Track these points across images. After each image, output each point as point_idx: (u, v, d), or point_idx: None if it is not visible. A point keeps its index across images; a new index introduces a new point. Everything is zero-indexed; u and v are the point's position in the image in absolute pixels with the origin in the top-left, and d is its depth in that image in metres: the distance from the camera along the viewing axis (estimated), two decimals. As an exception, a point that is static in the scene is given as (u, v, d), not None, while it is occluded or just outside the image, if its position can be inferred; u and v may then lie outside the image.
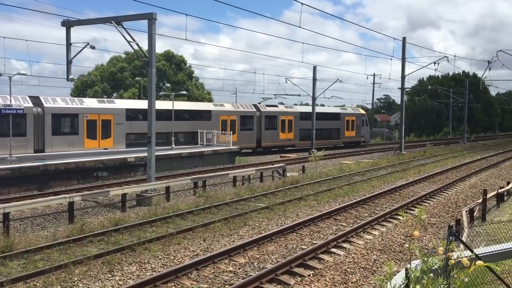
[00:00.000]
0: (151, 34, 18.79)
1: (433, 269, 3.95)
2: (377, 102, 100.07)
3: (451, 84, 78.81)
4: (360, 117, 52.12)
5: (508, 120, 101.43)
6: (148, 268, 10.53)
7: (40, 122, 26.67)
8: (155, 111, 19.50)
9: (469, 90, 64.48)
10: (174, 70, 62.82)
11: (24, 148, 25.80)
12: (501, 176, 26.71)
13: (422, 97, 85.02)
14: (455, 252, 4.95)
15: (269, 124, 41.47)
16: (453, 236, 6.38)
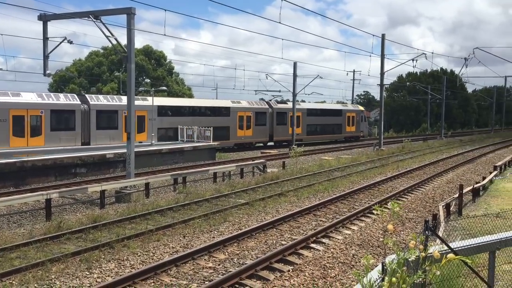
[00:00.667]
0: (130, 29, 18.59)
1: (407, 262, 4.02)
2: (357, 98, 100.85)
3: (429, 81, 79.93)
4: (359, 113, 55.22)
5: (484, 116, 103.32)
6: (127, 265, 10.45)
7: (86, 118, 29.33)
8: (134, 106, 19.32)
9: (447, 86, 65.50)
10: (153, 65, 62.29)
11: (73, 141, 28.54)
12: (477, 171, 27.22)
13: (401, 94, 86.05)
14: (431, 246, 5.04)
15: (280, 120, 44.55)
16: (429, 230, 6.49)
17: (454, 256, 3.31)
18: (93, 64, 58.67)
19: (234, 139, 39.76)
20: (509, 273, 9.12)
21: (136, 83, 48.00)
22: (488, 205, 17.01)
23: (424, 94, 74.14)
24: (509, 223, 10.65)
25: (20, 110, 26.27)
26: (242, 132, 39.97)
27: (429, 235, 6.42)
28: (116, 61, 56.28)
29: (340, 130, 51.87)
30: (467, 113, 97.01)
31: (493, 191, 20.02)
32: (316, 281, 9.71)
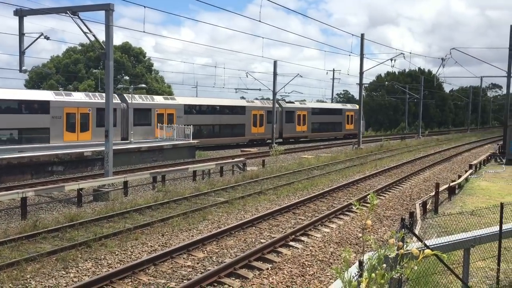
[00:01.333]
0: (109, 26, 18.37)
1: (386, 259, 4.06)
2: (336, 97, 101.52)
3: (407, 80, 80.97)
4: (357, 112, 56.48)
5: (461, 115, 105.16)
6: (105, 264, 10.34)
7: (125, 115, 32.56)
8: (112, 104, 19.11)
9: (424, 86, 66.47)
10: (132, 62, 61.68)
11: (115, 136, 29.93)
12: (453, 170, 27.69)
13: (379, 93, 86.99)
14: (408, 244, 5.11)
15: (289, 118, 47.70)
16: (405, 228, 6.59)
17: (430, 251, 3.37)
18: (71, 61, 57.80)
19: (248, 136, 42.92)
20: (483, 270, 9.31)
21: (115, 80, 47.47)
22: (463, 203, 17.33)
23: (402, 93, 75.08)
24: (484, 221, 10.87)
25: (72, 108, 29.60)
26: (255, 129, 43.20)
27: (406, 233, 6.52)
28: (94, 58, 55.54)
29: (340, 128, 55.58)
30: (444, 112, 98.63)
31: (469, 189, 20.40)
32: (294, 279, 9.76)
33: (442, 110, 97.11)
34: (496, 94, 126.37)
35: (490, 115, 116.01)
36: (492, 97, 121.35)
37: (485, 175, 24.95)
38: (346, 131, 55.97)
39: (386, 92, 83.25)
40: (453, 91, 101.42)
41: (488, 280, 8.97)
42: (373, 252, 4.36)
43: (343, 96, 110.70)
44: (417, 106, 68.73)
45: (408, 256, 4.04)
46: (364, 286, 3.12)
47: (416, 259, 3.73)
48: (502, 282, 8.55)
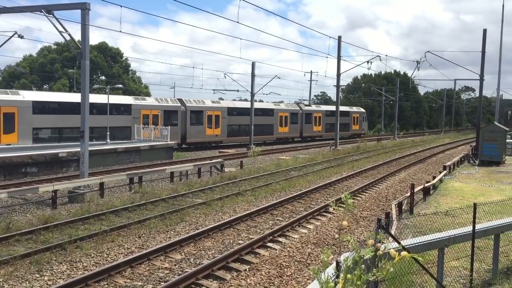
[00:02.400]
0: (85, 25, 18.11)
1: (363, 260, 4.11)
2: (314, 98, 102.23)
3: (384, 83, 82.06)
4: (362, 114, 66.20)
5: (435, 117, 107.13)
6: (80, 267, 10.18)
7: (184, 117, 38.90)
8: (88, 104, 18.83)
9: (400, 88, 67.47)
10: (109, 62, 60.94)
11: (176, 134, 37.53)
12: (428, 171, 28.17)
13: (356, 95, 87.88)
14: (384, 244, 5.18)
15: (308, 119, 54.76)
16: (381, 228, 6.67)
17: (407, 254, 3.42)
18: (46, 60, 56.77)
19: (276, 135, 49.37)
20: (457, 269, 9.50)
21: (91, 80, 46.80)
22: (438, 203, 17.64)
23: (378, 95, 76.04)
24: (458, 221, 11.08)
25: (147, 110, 35.98)
26: (281, 129, 49.81)
27: (382, 233, 6.60)
28: (70, 57, 54.69)
29: (348, 128, 62.10)
30: (419, 114, 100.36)
31: (443, 190, 20.77)
32: (272, 280, 9.78)
33: (417, 112, 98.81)
34: (469, 97, 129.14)
35: (464, 117, 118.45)
36: (466, 100, 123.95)
37: (458, 176, 25.45)
38: (353, 131, 63.19)
39: (363, 94, 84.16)
40: (428, 93, 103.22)
41: (462, 279, 9.15)
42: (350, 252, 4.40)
43: (321, 97, 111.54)
44: (393, 108, 69.74)
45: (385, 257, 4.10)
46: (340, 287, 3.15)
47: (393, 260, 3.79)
48: (475, 281, 8.73)
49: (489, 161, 30.84)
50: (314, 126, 55.26)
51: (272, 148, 42.33)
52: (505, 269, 9.60)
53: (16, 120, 27.73)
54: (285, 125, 50.20)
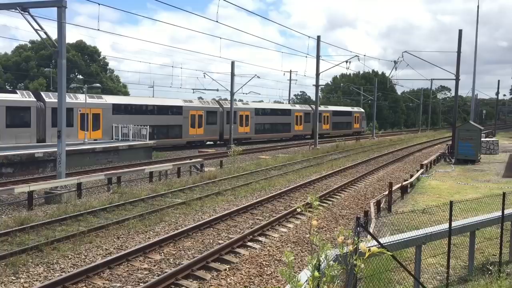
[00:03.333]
0: (61, 23, 17.83)
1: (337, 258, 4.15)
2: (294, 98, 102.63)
3: (362, 82, 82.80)
4: (362, 114, 72.17)
5: (412, 117, 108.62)
6: (57, 269, 10.02)
7: (222, 116, 44.33)
8: (65, 104, 18.56)
9: (378, 88, 68.24)
10: (86, 61, 60.12)
11: (216, 131, 44.12)
12: (405, 169, 28.56)
13: (335, 95, 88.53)
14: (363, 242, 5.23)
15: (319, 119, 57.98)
16: (360, 226, 6.74)
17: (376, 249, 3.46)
18: (21, 59, 55.68)
19: (292, 132, 54.83)
20: (434, 266, 9.66)
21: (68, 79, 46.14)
22: (415, 201, 17.90)
23: (357, 95, 76.72)
24: (434, 218, 11.28)
25: (194, 111, 41.30)
26: (296, 127, 55.63)
27: (361, 231, 6.67)
28: (46, 56, 53.77)
29: (350, 126, 68.55)
30: (397, 113, 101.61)
31: (420, 188, 21.10)
32: (252, 279, 9.79)
33: (395, 111, 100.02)
34: (445, 96, 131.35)
35: (440, 117, 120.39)
36: (442, 99, 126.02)
37: (435, 174, 25.87)
38: (354, 129, 69.80)
39: (342, 94, 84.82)
40: (405, 93, 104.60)
41: (439, 276, 9.32)
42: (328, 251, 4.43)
43: (300, 97, 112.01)
44: (371, 108, 70.51)
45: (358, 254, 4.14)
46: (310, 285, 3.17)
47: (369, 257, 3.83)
48: (451, 278, 8.89)
49: (465, 160, 31.44)
50: (323, 125, 61.61)
51: (252, 147, 42.37)
52: (480, 265, 9.80)
53: (101, 119, 33.50)
54: (299, 124, 56.37)
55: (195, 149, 39.72)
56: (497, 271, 8.99)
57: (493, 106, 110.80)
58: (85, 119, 30.83)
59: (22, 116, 28.60)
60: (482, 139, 35.62)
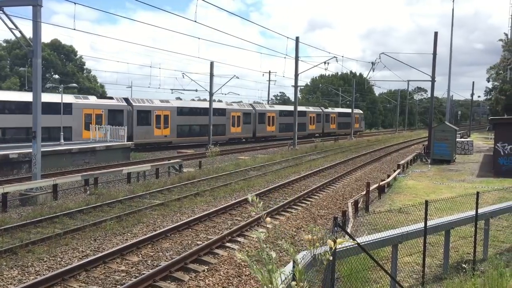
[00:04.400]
0: (36, 22, 17.53)
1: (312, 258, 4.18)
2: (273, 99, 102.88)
3: (340, 83, 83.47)
4: (360, 115, 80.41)
5: (389, 117, 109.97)
6: (32, 272, 9.85)
7: (255, 117, 52.04)
8: (40, 104, 18.25)
9: (356, 89, 68.97)
10: (62, 60, 59.18)
11: (248, 132, 51.44)
12: (383, 169, 28.90)
13: (314, 95, 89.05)
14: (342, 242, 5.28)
15: (327, 119, 68.53)
16: (338, 226, 6.81)
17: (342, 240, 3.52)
18: (-5, 57, 54.51)
19: (307, 131, 61.48)
20: (410, 265, 9.79)
21: (44, 78, 45.39)
22: (392, 201, 18.12)
23: (335, 95, 77.37)
24: (411, 217, 11.44)
25: (234, 112, 48.73)
26: (312, 126, 63.15)
27: (338, 231, 6.73)
28: (20, 55, 52.75)
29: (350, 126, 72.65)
30: (374, 114, 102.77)
31: (397, 188, 21.37)
32: (231, 279, 9.78)
33: (372, 112, 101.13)
34: (422, 97, 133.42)
35: (417, 117, 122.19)
36: (418, 100, 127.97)
37: (412, 174, 26.24)
38: (355, 129, 74.40)
39: (321, 95, 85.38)
40: (382, 94, 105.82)
41: (415, 275, 9.45)
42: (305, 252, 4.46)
43: (280, 98, 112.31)
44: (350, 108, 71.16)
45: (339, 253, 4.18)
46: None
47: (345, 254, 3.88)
48: (427, 276, 9.03)
49: (441, 160, 31.96)
50: (330, 125, 69.94)
51: (232, 148, 42.32)
52: (455, 263, 9.98)
53: (169, 119, 40.42)
54: (313, 123, 63.97)
55: (175, 149, 39.49)
56: (471, 269, 9.16)
57: (468, 107, 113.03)
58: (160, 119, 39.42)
59: (118, 117, 36.13)
60: (457, 139, 36.28)
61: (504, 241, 12.19)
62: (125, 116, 36.78)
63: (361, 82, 78.64)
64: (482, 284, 8.02)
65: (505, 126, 26.74)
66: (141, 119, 38.31)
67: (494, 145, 27.23)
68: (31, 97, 18.63)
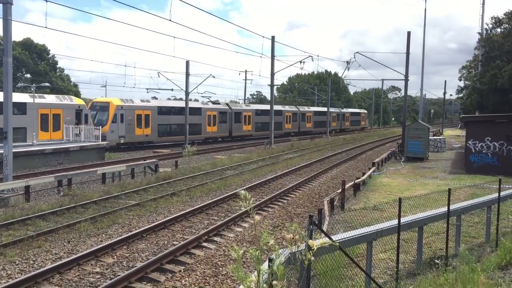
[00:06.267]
0: (7, 20, 17.15)
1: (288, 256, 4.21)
2: (249, 97, 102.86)
3: (316, 82, 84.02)
4: (365, 114, 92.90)
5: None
6: (4, 275, 9.63)
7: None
8: (11, 104, 17.85)
9: (332, 88, 69.52)
10: (34, 59, 58.01)
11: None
12: (358, 167, 29.23)
13: (291, 94, 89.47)
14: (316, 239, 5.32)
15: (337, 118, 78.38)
16: (313, 224, 6.85)
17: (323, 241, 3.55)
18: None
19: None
20: (385, 261, 9.94)
21: (15, 78, 44.42)
22: (367, 198, 18.35)
23: (312, 94, 77.86)
24: (385, 215, 11.59)
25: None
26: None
27: (314, 229, 6.77)
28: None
29: (359, 123, 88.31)
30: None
31: (372, 185, 21.65)
32: (207, 279, 9.76)
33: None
34: (396, 96, 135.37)
35: (391, 116, 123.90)
36: (392, 99, 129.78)
37: (386, 172, 26.62)
38: (361, 125, 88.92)
39: (298, 94, 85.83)
40: (357, 93, 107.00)
41: (389, 271, 9.59)
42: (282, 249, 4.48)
43: (256, 96, 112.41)
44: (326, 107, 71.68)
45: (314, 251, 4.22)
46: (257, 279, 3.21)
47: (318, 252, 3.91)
48: (401, 272, 9.17)
49: (414, 157, 32.52)
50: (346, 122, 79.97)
51: (208, 147, 42.18)
52: (428, 259, 10.16)
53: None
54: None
55: (150, 149, 39.12)
56: (443, 265, 9.35)
57: (440, 105, 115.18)
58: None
59: (224, 118, 50.75)
60: (430, 137, 36.95)
61: (475, 237, 12.48)
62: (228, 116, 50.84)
63: (337, 81, 79.41)
64: (454, 279, 8.19)
65: (476, 124, 27.37)
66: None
67: (465, 142, 27.84)
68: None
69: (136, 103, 40.60)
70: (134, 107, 39.47)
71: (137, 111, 39.41)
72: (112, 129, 36.96)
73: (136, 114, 39.26)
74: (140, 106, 40.29)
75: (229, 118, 51.69)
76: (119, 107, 37.96)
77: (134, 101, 40.60)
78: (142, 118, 39.96)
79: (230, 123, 51.99)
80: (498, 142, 25.93)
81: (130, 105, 39.32)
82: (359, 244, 8.82)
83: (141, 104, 40.83)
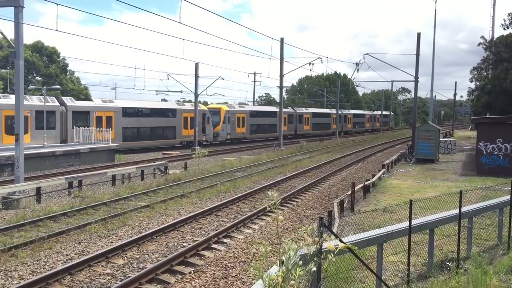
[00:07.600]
0: (18, 23, 17.30)
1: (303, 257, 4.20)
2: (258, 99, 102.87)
3: (326, 84, 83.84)
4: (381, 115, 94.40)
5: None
6: (15, 276, 9.71)
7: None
8: (23, 106, 18.01)
9: (341, 89, 69.31)
10: (45, 62, 58.47)
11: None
12: (368, 169, 29.09)
13: (301, 96, 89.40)
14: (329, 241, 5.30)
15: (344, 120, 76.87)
16: (323, 226, 6.83)
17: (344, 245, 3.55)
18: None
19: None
20: (395, 264, 9.87)
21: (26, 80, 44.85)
22: (377, 200, 18.26)
23: (321, 96, 77.72)
24: (396, 217, 11.53)
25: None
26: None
27: (324, 231, 6.75)
28: (2, 57, 52.00)
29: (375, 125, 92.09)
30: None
31: (382, 187, 21.53)
32: (217, 281, 9.76)
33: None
34: (405, 98, 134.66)
35: (401, 117, 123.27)
36: (402, 100, 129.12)
37: (396, 174, 26.47)
38: (376, 126, 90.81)
39: (307, 95, 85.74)
40: (366, 94, 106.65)
41: (400, 273, 9.53)
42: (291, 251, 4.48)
43: (265, 98, 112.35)
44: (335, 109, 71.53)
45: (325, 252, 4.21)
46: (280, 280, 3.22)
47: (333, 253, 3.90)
48: (412, 275, 9.11)
49: (424, 159, 32.31)
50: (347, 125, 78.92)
51: (217, 149, 42.24)
52: (439, 262, 10.08)
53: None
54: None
55: (160, 151, 39.26)
56: (455, 267, 9.27)
57: (450, 107, 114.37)
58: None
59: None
60: (440, 139, 36.69)
61: (487, 239, 12.36)
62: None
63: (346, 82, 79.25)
64: (466, 282, 8.12)
65: (487, 126, 27.13)
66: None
67: (476, 144, 27.61)
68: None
69: (236, 108, 51.98)
70: (235, 111, 50.16)
71: (237, 114, 49.91)
72: (223, 128, 48.10)
73: (236, 116, 49.72)
74: (239, 111, 51.27)
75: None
76: (227, 112, 48.54)
77: (234, 106, 52.09)
78: (240, 120, 50.48)
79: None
80: (509, 143, 25.69)
81: (233, 110, 50.13)
82: (370, 246, 8.78)
83: (239, 109, 52.15)
